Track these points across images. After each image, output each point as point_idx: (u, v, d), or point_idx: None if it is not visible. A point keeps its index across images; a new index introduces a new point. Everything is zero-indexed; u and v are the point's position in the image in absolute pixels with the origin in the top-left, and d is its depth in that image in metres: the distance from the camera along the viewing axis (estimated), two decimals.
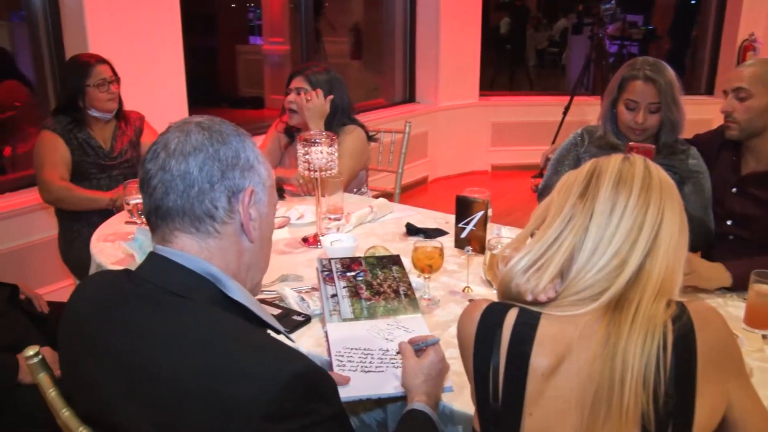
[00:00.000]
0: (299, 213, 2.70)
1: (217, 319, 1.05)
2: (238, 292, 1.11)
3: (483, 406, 1.14)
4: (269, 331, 1.15)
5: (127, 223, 2.61)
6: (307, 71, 3.01)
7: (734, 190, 2.32)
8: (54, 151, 2.97)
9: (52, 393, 1.24)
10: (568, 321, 1.10)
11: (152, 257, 1.13)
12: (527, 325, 1.11)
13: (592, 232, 1.10)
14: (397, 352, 1.61)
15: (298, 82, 3.00)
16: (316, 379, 1.01)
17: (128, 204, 2.44)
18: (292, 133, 3.16)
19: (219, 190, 1.10)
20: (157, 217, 1.12)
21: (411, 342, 1.49)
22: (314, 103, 2.90)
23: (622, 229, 1.09)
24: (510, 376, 1.10)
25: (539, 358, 1.09)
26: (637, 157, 1.17)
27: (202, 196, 1.09)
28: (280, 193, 2.92)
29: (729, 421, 1.10)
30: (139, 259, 2.17)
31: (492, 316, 1.14)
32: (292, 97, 2.99)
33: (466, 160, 6.71)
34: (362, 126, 3.10)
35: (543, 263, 1.13)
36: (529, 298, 1.14)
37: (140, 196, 1.20)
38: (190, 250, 1.11)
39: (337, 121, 3.00)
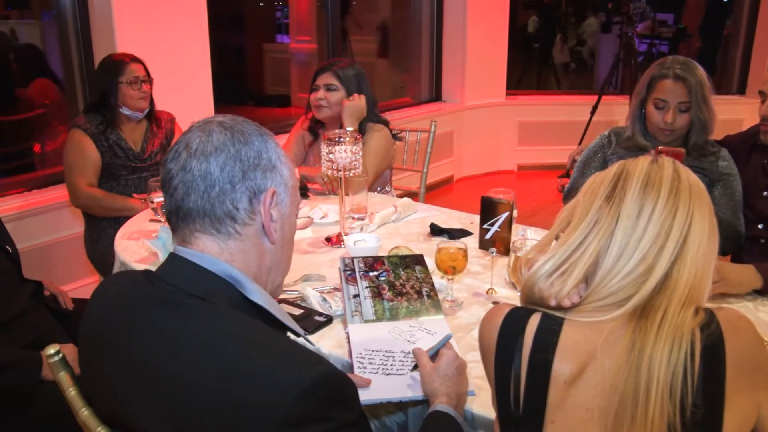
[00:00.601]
0: (323, 212, 2.69)
1: (236, 322, 1.04)
2: (258, 295, 1.10)
3: (504, 413, 1.12)
4: (289, 333, 1.14)
5: (152, 221, 2.62)
6: (334, 67, 3.03)
7: (765, 193, 2.27)
8: (82, 155, 2.99)
9: (71, 392, 1.24)
10: (592, 327, 1.08)
11: (172, 258, 1.12)
12: (550, 331, 1.09)
13: (618, 237, 1.08)
14: None
15: (325, 78, 3.02)
16: (337, 384, 0.99)
17: (152, 202, 2.46)
18: (316, 132, 3.17)
19: (240, 190, 1.09)
20: (177, 217, 1.12)
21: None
22: (356, 104, 2.94)
23: (649, 234, 1.07)
24: (531, 383, 1.08)
25: (562, 365, 1.06)
26: (665, 159, 1.14)
27: (223, 197, 1.08)
28: (304, 192, 2.92)
29: None
30: (162, 257, 2.17)
31: (514, 321, 1.12)
32: (321, 93, 3.01)
33: (492, 160, 6.67)
34: (387, 123, 3.10)
35: (567, 268, 1.11)
36: (553, 303, 1.11)
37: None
38: (210, 251, 1.10)
39: (365, 118, 3.01)
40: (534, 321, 1.10)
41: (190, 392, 0.97)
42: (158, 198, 2.43)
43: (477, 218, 2.38)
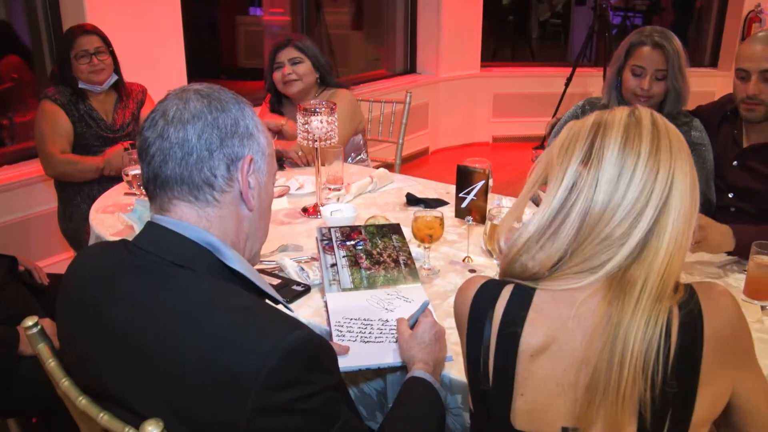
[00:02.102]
0: (299, 183, 2.69)
1: (217, 288, 1.04)
2: (236, 262, 1.10)
3: (475, 386, 1.12)
4: (268, 301, 1.15)
5: (126, 194, 2.60)
6: (293, 41, 3.06)
7: (735, 163, 2.30)
8: (53, 124, 2.95)
9: (51, 363, 1.24)
10: (564, 298, 1.05)
11: (150, 227, 1.12)
12: (519, 305, 1.07)
13: (597, 201, 1.02)
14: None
15: (288, 53, 3.04)
16: (317, 349, 1.00)
17: (127, 175, 2.43)
18: (281, 112, 3.17)
19: (218, 158, 1.09)
20: (155, 185, 1.11)
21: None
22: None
23: (629, 199, 1.02)
24: (499, 357, 1.07)
25: (530, 338, 1.04)
26: (643, 110, 1.09)
27: (200, 164, 1.08)
28: (280, 164, 2.92)
29: (735, 408, 1.06)
30: (138, 230, 2.15)
31: (486, 294, 1.10)
32: (288, 69, 3.02)
33: (468, 132, 6.68)
34: (347, 86, 3.14)
35: (552, 233, 1.06)
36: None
37: (139, 167, 1.19)
38: (188, 219, 1.10)
39: (325, 85, 3.07)
40: (505, 294, 1.08)
41: (172, 360, 0.97)
42: (133, 171, 2.41)
43: (453, 188, 2.40)
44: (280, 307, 1.13)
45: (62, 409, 1.26)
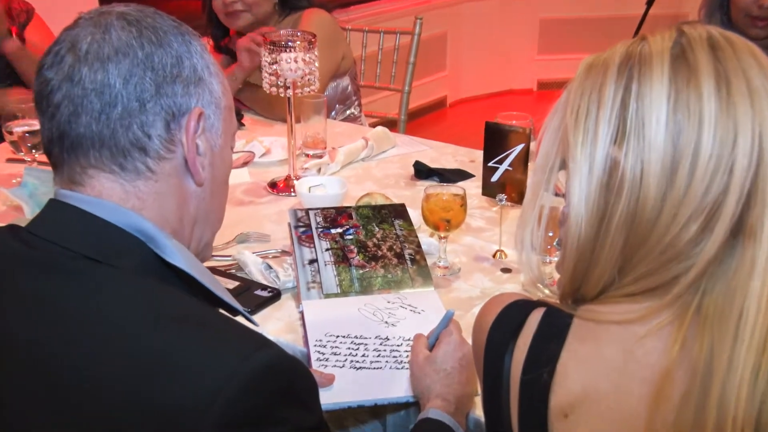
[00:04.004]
0: (264, 147, 2.71)
1: (151, 293, 1.05)
2: (179, 257, 1.11)
3: None
4: (222, 310, 1.16)
5: (10, 161, 2.58)
6: None
7: None
8: None
9: None
10: (613, 333, 1.01)
11: (54, 207, 1.12)
12: (549, 337, 1.04)
13: (648, 194, 0.95)
14: (404, 343, 1.65)
15: None
16: (290, 375, 1.02)
17: (11, 133, 2.39)
18: (231, 50, 3.17)
19: (153, 111, 1.09)
20: (61, 148, 1.11)
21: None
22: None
23: (697, 184, 0.93)
24: (525, 412, 1.05)
25: (562, 389, 1.02)
26: (695, 33, 1.00)
27: (128, 120, 1.08)
28: (238, 118, 2.93)
29: None
30: (31, 212, 2.17)
31: (507, 321, 1.09)
32: None
33: (502, 75, 6.68)
34: (323, 6, 3.16)
35: (588, 250, 1.01)
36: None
37: (31, 120, 1.17)
38: (110, 196, 1.10)
39: (293, 6, 3.08)
40: (533, 321, 1.07)
41: (92, 390, 0.98)
42: (20, 127, 2.37)
43: (480, 155, 2.40)
44: (239, 319, 1.15)
45: None
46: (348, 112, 3.24)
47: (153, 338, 0.99)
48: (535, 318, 1.07)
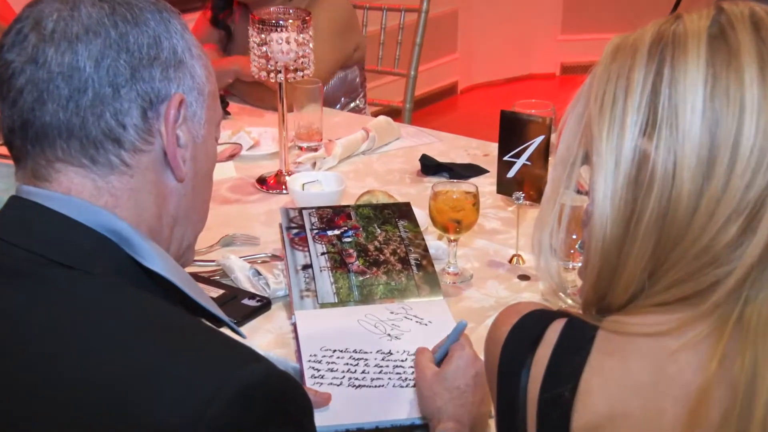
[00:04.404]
0: (252, 139, 2.72)
1: (124, 302, 1.05)
2: (157, 260, 1.11)
3: None
4: (206, 321, 1.16)
5: None
6: None
7: None
8: None
9: None
10: (642, 346, 1.00)
11: (16, 205, 1.12)
12: (570, 351, 1.04)
13: (682, 190, 0.94)
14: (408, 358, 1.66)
15: None
16: (281, 393, 1.02)
17: None
18: (226, 26, 3.18)
19: (128, 98, 1.10)
20: (24, 139, 1.11)
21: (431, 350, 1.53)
22: None
23: (737, 179, 0.92)
24: None
25: (586, 409, 1.01)
26: (735, 9, 0.99)
27: (99, 108, 1.08)
28: (223, 106, 2.94)
29: None
30: None
31: (524, 333, 1.08)
32: None
33: (521, 57, 6.68)
34: None
35: (615, 252, 1.02)
36: None
37: None
38: (80, 193, 1.10)
39: None
40: (552, 333, 1.05)
41: (61, 413, 0.98)
42: None
43: (494, 148, 2.42)
44: (225, 330, 1.15)
45: None
46: (353, 105, 3.25)
47: (130, 351, 0.99)
48: (555, 330, 1.05)
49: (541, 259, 1.12)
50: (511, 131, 2.27)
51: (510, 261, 2.06)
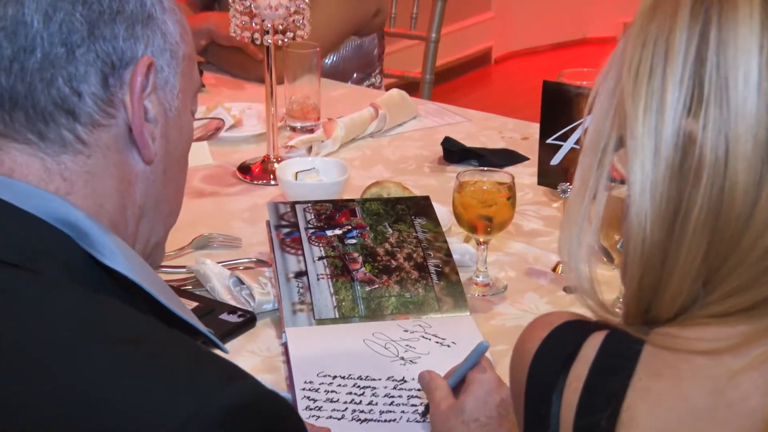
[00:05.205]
0: (233, 117, 2.74)
1: (82, 307, 1.07)
2: (120, 258, 1.13)
3: None
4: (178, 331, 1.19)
5: None
6: None
7: None
8: None
9: None
10: (696, 365, 1.02)
11: None
12: (612, 370, 1.05)
13: (737, 179, 0.95)
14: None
15: None
16: (271, 417, 1.03)
17: None
18: None
19: (85, 60, 1.12)
20: None
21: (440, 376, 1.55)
22: None
23: None
24: None
25: None
26: None
27: (50, 72, 1.11)
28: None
29: None
30: None
31: (556, 347, 1.10)
32: None
33: (572, 18, 6.69)
34: None
35: (660, 254, 1.02)
36: None
37: None
38: (25, 175, 1.13)
39: None
40: (590, 348, 1.07)
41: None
42: None
43: (536, 129, 2.42)
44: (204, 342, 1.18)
45: None
46: (369, 81, 3.28)
47: (86, 368, 0.99)
48: (593, 344, 1.05)
49: (572, 263, 1.10)
50: (556, 107, 2.26)
51: (554, 269, 2.08)
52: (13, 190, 1.11)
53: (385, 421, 1.63)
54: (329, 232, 1.99)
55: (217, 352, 1.14)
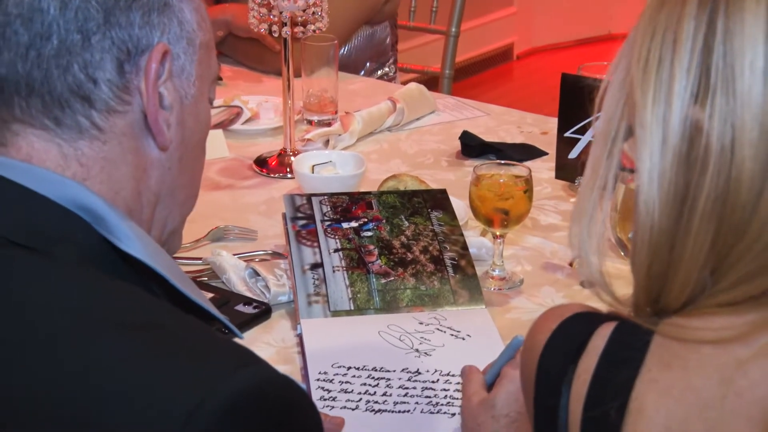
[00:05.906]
0: (250, 110, 2.75)
1: (96, 292, 1.08)
2: (136, 243, 1.14)
3: None
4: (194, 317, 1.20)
5: None
6: None
7: None
8: None
9: None
10: (705, 356, 1.02)
11: None
12: (621, 362, 1.06)
13: (744, 167, 0.96)
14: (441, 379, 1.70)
15: None
16: (285, 403, 1.04)
17: None
18: None
19: (100, 47, 1.13)
20: None
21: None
22: None
23: None
24: None
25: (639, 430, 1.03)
26: None
27: (66, 58, 1.12)
28: None
29: None
30: None
31: (566, 338, 1.11)
32: None
33: (596, 13, 6.68)
34: None
35: (667, 244, 1.04)
36: None
37: None
38: (43, 161, 1.14)
39: None
40: (599, 339, 1.08)
41: (18, 426, 1.01)
42: None
43: (555, 123, 2.44)
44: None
45: None
46: (382, 72, 3.29)
47: (101, 352, 1.00)
48: (602, 335, 1.07)
49: (582, 254, 1.11)
50: (575, 100, 2.27)
51: (571, 264, 2.08)
52: (31, 175, 1.12)
53: (399, 412, 1.64)
54: (345, 225, 2.01)
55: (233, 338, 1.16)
